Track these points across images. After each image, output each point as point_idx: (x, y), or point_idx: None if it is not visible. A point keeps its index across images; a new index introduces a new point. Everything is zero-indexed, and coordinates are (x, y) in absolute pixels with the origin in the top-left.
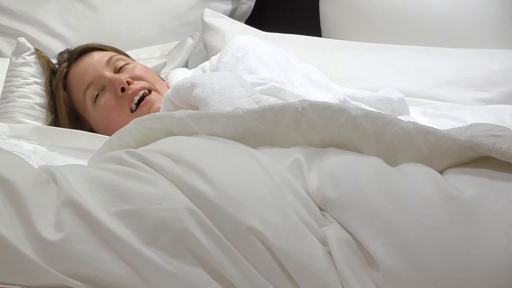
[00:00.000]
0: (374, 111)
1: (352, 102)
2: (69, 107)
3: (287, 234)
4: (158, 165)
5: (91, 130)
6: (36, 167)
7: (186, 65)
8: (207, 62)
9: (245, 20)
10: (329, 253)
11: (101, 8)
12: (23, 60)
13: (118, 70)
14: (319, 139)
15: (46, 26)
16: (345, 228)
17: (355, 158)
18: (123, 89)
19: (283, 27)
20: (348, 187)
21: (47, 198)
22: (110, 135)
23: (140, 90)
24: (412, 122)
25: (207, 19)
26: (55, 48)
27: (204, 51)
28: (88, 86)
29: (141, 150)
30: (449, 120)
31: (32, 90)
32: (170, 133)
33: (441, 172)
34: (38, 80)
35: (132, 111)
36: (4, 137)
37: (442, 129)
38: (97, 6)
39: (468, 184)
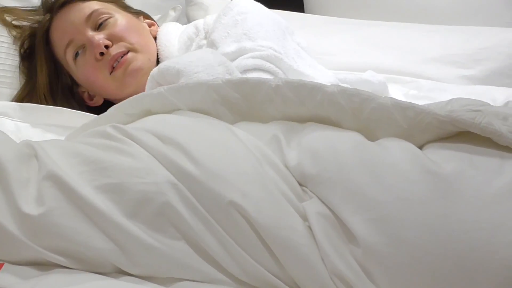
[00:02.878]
0: (351, 88)
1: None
2: (51, 64)
3: (268, 209)
4: (141, 140)
5: (74, 84)
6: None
7: None
8: (201, 20)
9: None
10: (309, 228)
11: None
12: None
13: (98, 27)
14: (296, 113)
15: None
16: (325, 204)
17: (334, 134)
18: (102, 53)
19: (267, 2)
20: (328, 162)
21: (29, 173)
22: (93, 93)
23: (119, 56)
24: (389, 98)
25: None
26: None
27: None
28: (68, 45)
29: (126, 126)
30: (430, 102)
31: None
32: (149, 116)
33: (420, 147)
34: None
35: (111, 73)
36: None
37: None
38: None
39: (447, 159)
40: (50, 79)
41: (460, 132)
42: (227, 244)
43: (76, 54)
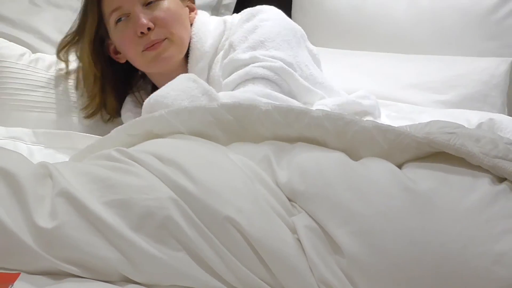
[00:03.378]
0: (335, 112)
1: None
2: (99, 20)
3: (259, 222)
4: (144, 161)
5: (107, 37)
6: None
7: None
8: (229, 17)
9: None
10: (298, 240)
11: None
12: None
13: (148, 4)
14: (286, 134)
15: (41, 33)
16: (312, 218)
17: (320, 154)
18: (142, 33)
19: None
20: (315, 180)
21: (44, 190)
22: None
23: (156, 42)
24: (371, 121)
25: None
26: (49, 53)
27: None
28: (115, 9)
29: (130, 149)
30: (409, 122)
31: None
32: (150, 136)
33: (399, 166)
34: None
35: (142, 51)
36: (1, 138)
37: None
38: None
39: (424, 177)
40: (95, 30)
41: (437, 152)
42: (223, 254)
43: (119, 19)
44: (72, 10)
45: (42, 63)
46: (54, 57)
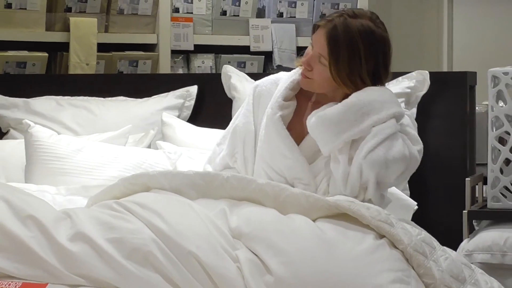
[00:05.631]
0: (273, 182)
1: None
2: None
3: (212, 255)
4: (134, 211)
5: None
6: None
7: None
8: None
9: (186, 120)
10: (239, 268)
11: (98, 113)
12: None
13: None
14: (238, 195)
15: (64, 124)
16: (252, 252)
17: (260, 209)
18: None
19: (211, 124)
20: (256, 226)
21: (64, 228)
22: None
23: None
24: (298, 189)
25: (165, 118)
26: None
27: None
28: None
29: (123, 200)
30: None
31: None
32: (146, 187)
33: (314, 220)
34: None
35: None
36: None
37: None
38: (96, 113)
39: (330, 229)
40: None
41: (340, 213)
42: (186, 277)
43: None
44: (87, 110)
45: (64, 141)
46: (71, 137)
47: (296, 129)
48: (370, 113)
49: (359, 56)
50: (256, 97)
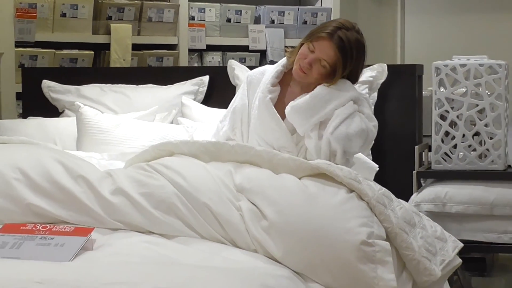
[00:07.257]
0: (268, 149)
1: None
2: None
3: (221, 206)
4: (160, 171)
5: None
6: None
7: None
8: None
9: (200, 102)
10: (241, 215)
11: (132, 97)
12: None
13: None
14: (240, 159)
15: (106, 105)
16: (252, 202)
17: (258, 170)
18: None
19: (219, 105)
20: (254, 182)
21: (107, 184)
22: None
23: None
24: (288, 154)
25: (184, 101)
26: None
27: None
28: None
29: (152, 163)
30: None
31: None
32: (170, 153)
33: (300, 178)
34: None
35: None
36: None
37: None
38: (130, 97)
39: (312, 185)
40: None
41: (320, 173)
42: (199, 220)
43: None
44: (124, 94)
45: (106, 119)
46: (112, 115)
47: (280, 108)
48: (331, 99)
49: (351, 62)
50: (248, 84)
